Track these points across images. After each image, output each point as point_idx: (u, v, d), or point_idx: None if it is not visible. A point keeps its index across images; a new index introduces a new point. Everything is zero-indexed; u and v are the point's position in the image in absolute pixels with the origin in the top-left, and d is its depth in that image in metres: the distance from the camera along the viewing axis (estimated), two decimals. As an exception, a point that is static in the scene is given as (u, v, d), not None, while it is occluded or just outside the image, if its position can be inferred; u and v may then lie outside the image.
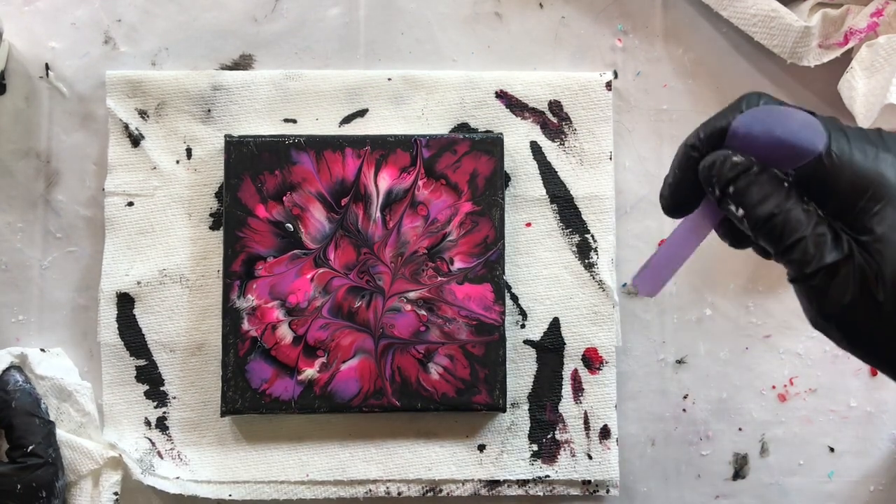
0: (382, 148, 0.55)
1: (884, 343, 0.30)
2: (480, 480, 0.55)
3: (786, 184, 0.32)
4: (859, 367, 0.57)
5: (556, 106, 0.57)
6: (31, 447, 0.50)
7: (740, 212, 0.32)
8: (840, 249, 0.30)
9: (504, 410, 0.54)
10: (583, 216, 0.57)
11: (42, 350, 0.55)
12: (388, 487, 0.55)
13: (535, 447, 0.56)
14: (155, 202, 0.57)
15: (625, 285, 0.57)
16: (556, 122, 0.57)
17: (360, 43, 0.59)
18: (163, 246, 0.56)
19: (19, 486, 0.49)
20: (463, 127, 0.57)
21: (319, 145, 0.55)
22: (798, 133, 0.32)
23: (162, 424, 0.56)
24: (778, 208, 0.31)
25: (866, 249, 0.30)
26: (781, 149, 0.32)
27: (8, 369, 0.52)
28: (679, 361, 0.57)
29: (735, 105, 0.34)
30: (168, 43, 0.58)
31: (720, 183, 0.33)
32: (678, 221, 0.38)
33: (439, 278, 0.54)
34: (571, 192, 0.57)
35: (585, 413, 0.56)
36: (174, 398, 0.56)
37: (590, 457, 0.55)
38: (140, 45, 0.58)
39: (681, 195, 0.35)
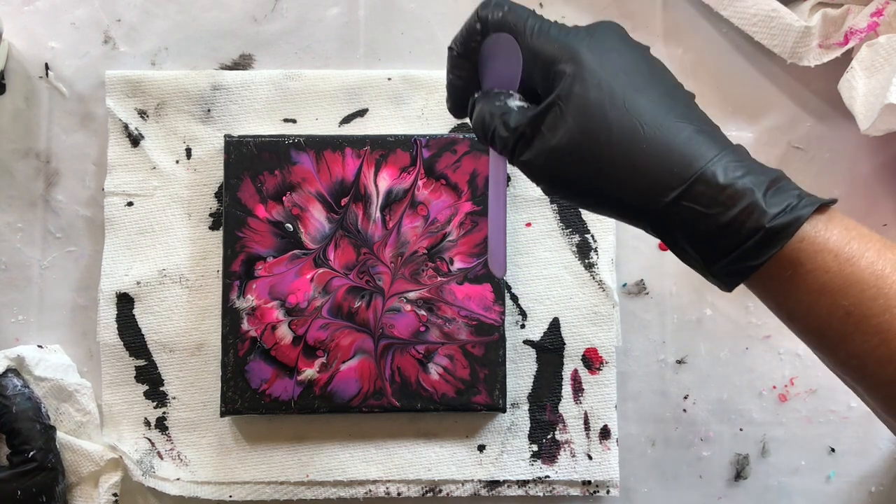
0: (382, 148, 0.55)
1: (577, 179, 0.35)
2: (480, 481, 0.55)
3: (493, 94, 0.37)
4: (859, 367, 0.57)
5: (556, 106, 0.57)
6: (31, 453, 0.50)
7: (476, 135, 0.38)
8: (523, 119, 0.36)
9: (504, 411, 0.54)
10: (583, 216, 0.57)
11: (39, 346, 0.55)
12: (388, 488, 0.55)
13: (535, 447, 0.55)
14: (154, 202, 0.56)
15: (625, 285, 0.57)
16: (556, 122, 0.57)
17: (359, 43, 0.59)
18: (162, 246, 0.56)
19: (20, 492, 0.49)
20: (463, 127, 0.57)
21: (319, 145, 0.55)
22: (503, 73, 0.38)
23: (161, 425, 0.56)
24: (478, 117, 0.37)
25: (549, 108, 0.35)
26: (503, 74, 0.38)
27: (5, 373, 0.52)
28: (679, 361, 0.57)
29: (473, 20, 0.38)
30: (168, 43, 0.58)
31: (470, 117, 0.39)
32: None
33: (439, 278, 0.54)
34: (571, 192, 0.57)
35: (585, 413, 0.56)
36: (174, 398, 0.56)
37: (590, 457, 0.55)
38: (140, 44, 0.58)
39: (458, 98, 0.40)
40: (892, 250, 0.33)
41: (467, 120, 0.39)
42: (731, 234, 0.33)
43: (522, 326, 0.56)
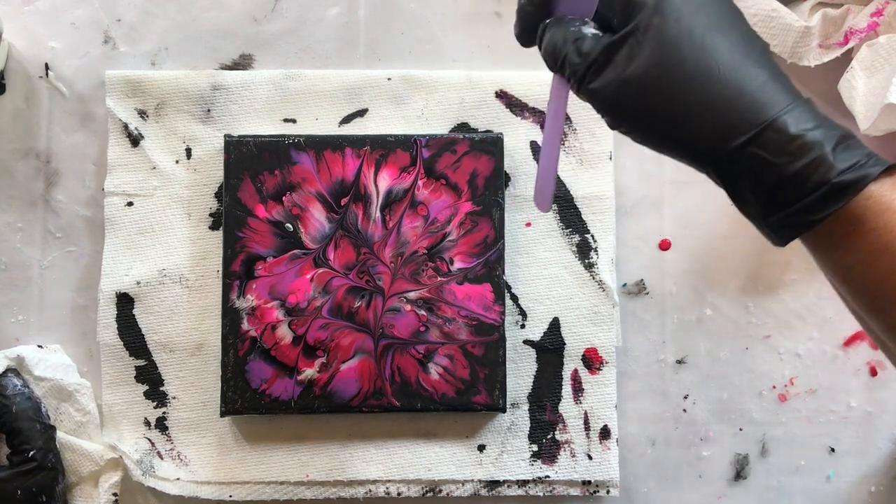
0: (382, 148, 0.55)
1: (646, 113, 0.35)
2: (480, 481, 0.55)
3: (567, 20, 0.37)
4: (859, 367, 0.57)
5: (556, 106, 0.57)
6: (31, 452, 0.50)
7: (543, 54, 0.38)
8: (597, 46, 0.35)
9: (504, 411, 0.54)
10: (583, 216, 0.57)
11: (39, 346, 0.55)
12: (387, 488, 0.55)
13: (535, 447, 0.55)
14: (154, 202, 0.56)
15: (625, 285, 0.57)
16: (556, 122, 0.57)
17: (360, 43, 0.59)
18: (162, 246, 0.56)
19: (20, 492, 0.49)
20: (463, 127, 0.57)
21: (319, 145, 0.55)
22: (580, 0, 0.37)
23: (161, 425, 0.56)
24: (549, 42, 0.37)
25: (626, 38, 0.34)
26: (579, 2, 0.37)
27: (5, 373, 0.52)
28: (679, 361, 0.57)
29: None
30: (168, 43, 0.58)
31: (539, 44, 0.39)
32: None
33: (439, 278, 0.54)
34: (571, 192, 0.57)
35: (585, 413, 0.56)
36: (174, 398, 0.56)
37: (590, 457, 0.55)
38: (140, 44, 0.58)
39: (528, 23, 0.39)
40: None
41: (536, 49, 0.38)
42: (797, 185, 0.33)
43: (522, 326, 0.56)
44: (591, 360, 0.56)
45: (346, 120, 0.57)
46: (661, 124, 0.35)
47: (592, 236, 0.57)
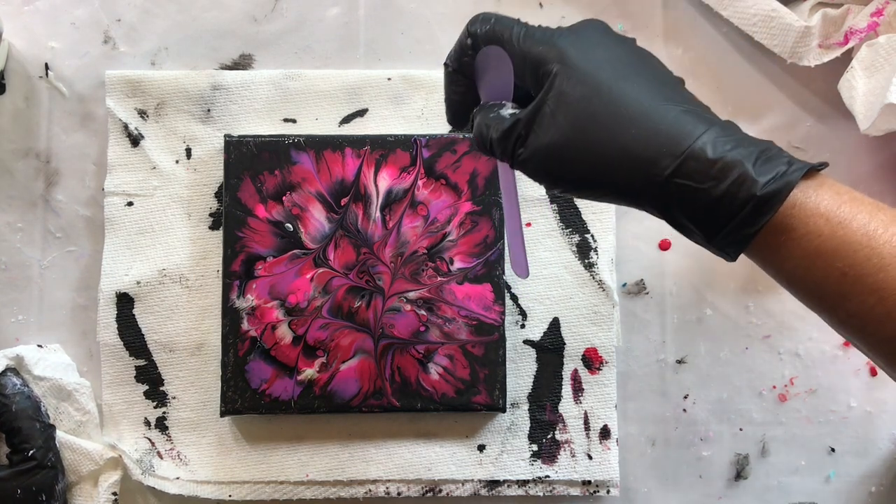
0: (382, 148, 0.55)
1: (574, 172, 0.36)
2: (480, 480, 0.55)
3: (489, 106, 0.39)
4: (859, 367, 0.57)
5: (556, 106, 0.57)
6: (31, 451, 0.50)
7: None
8: (516, 123, 0.37)
9: (504, 411, 0.54)
10: (583, 216, 0.57)
11: (39, 346, 0.55)
12: (387, 488, 0.55)
13: (535, 447, 0.55)
14: (154, 202, 0.56)
15: (625, 285, 0.57)
16: (556, 122, 0.57)
17: (359, 43, 0.59)
18: (162, 246, 0.56)
19: (19, 491, 0.49)
20: (463, 127, 0.57)
21: (319, 145, 0.55)
22: (497, 83, 0.39)
23: (161, 424, 0.56)
24: (476, 130, 0.39)
25: (539, 107, 0.36)
26: (497, 85, 0.39)
27: (4, 372, 0.52)
28: (679, 361, 0.57)
29: (464, 36, 0.40)
30: (168, 43, 0.58)
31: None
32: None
33: (439, 278, 0.54)
34: (571, 192, 0.57)
35: (585, 413, 0.56)
36: (174, 398, 0.56)
37: (590, 457, 0.55)
38: (140, 44, 0.58)
39: (457, 111, 0.42)
40: (884, 211, 0.34)
41: (467, 132, 0.40)
42: (726, 205, 0.34)
43: (522, 326, 0.56)
44: (591, 360, 0.56)
45: (346, 120, 0.57)
46: (590, 178, 0.36)
47: (592, 236, 0.57)
